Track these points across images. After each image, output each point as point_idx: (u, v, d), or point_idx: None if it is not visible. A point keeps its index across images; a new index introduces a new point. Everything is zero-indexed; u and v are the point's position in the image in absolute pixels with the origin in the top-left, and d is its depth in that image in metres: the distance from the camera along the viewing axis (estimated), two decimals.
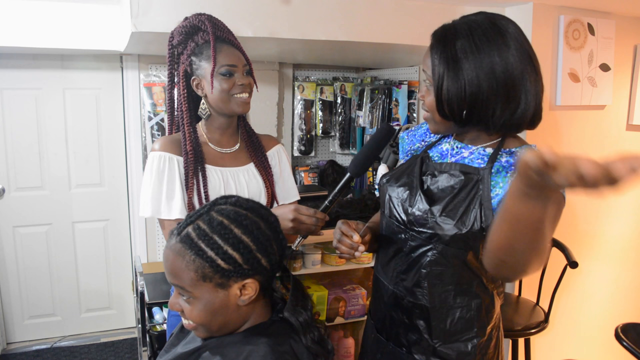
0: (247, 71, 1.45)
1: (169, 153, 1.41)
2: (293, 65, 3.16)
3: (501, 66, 0.99)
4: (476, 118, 1.03)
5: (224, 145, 1.49)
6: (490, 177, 1.04)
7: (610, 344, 2.05)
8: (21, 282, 3.02)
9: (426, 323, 1.13)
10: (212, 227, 0.89)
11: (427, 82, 1.08)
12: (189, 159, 1.40)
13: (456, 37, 1.02)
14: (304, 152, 3.22)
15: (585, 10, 2.22)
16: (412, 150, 1.28)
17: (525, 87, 1.01)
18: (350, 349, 2.51)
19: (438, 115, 1.07)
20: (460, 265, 1.07)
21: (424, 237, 1.09)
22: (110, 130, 3.02)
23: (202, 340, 0.98)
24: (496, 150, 1.07)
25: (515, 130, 1.06)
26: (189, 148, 1.41)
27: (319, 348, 0.97)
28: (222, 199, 0.96)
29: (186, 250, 0.88)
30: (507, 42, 1.00)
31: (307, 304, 1.00)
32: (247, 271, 0.89)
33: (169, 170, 1.40)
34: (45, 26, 2.36)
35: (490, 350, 1.15)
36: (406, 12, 2.20)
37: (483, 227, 1.02)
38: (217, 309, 0.91)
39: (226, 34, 1.42)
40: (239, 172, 1.49)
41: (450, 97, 1.02)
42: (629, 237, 2.58)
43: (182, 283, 0.90)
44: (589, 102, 2.28)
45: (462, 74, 1.00)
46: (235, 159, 1.50)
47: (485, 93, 1.00)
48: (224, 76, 1.39)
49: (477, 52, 0.99)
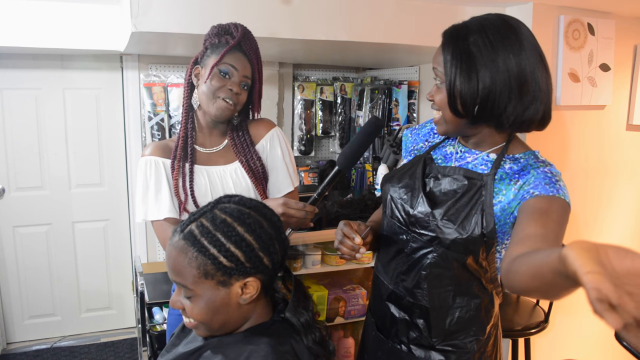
0: (246, 85, 1.42)
1: (155, 157, 1.42)
2: (293, 65, 3.16)
3: (515, 61, 0.99)
4: (488, 114, 1.02)
5: (208, 145, 1.49)
6: (493, 183, 1.05)
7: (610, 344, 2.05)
8: (21, 282, 3.02)
9: (426, 322, 1.13)
10: (215, 225, 0.89)
11: (438, 80, 1.07)
12: (175, 156, 1.42)
13: (469, 33, 1.02)
14: (304, 152, 3.22)
15: (585, 10, 2.22)
16: (415, 150, 1.28)
17: (537, 84, 1.01)
18: (350, 349, 2.51)
19: (449, 113, 1.05)
20: (460, 268, 1.08)
21: (424, 239, 1.10)
22: (110, 130, 3.02)
23: (203, 339, 0.98)
24: (500, 156, 1.07)
25: (525, 128, 1.05)
26: (180, 143, 1.42)
27: (320, 349, 0.97)
28: (226, 198, 0.97)
29: (189, 247, 0.89)
30: (520, 38, 1.01)
31: (308, 304, 1.00)
32: (249, 269, 0.89)
33: (155, 172, 1.41)
34: (45, 26, 2.36)
35: (489, 348, 1.16)
36: (406, 12, 2.20)
37: (484, 233, 1.03)
38: (218, 307, 0.91)
39: (250, 48, 1.42)
40: (226, 170, 1.48)
41: (463, 91, 1.01)
42: (629, 237, 2.58)
43: (184, 280, 0.90)
44: (589, 102, 2.27)
45: (475, 68, 1.00)
46: (223, 157, 1.50)
47: (499, 88, 0.99)
48: (220, 73, 1.38)
49: (490, 47, 0.99)
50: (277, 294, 1.05)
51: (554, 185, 0.98)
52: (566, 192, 0.99)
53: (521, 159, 1.06)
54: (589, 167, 2.36)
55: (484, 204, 1.04)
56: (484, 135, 1.10)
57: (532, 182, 1.00)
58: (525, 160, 1.05)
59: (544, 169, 1.01)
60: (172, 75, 2.83)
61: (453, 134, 1.13)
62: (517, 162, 1.05)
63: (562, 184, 1.00)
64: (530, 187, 0.99)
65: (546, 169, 1.02)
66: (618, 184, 2.47)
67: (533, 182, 1.00)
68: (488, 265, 1.08)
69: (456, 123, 1.07)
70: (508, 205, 1.02)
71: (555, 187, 0.98)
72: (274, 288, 1.04)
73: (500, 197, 1.03)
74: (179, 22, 1.88)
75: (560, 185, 0.99)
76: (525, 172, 1.02)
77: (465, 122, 1.06)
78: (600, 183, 2.41)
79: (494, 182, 1.05)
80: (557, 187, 0.98)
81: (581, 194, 2.36)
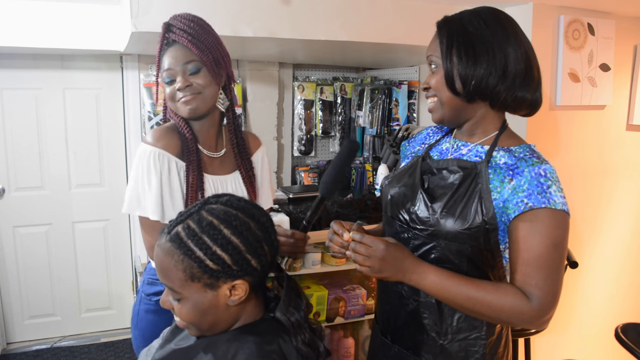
0: (193, 69, 1.32)
1: (162, 150, 1.32)
2: (293, 65, 3.16)
3: (506, 37, 1.04)
4: (484, 88, 1.04)
5: (210, 148, 1.44)
6: (487, 170, 1.05)
7: (610, 344, 2.05)
8: (21, 282, 3.02)
9: (432, 321, 1.12)
10: (201, 227, 0.88)
11: (433, 65, 1.10)
12: (190, 161, 1.36)
13: (462, 17, 1.07)
14: (304, 152, 3.22)
15: (585, 10, 2.22)
16: (412, 153, 1.29)
17: (530, 60, 1.06)
18: (350, 349, 2.51)
19: (447, 92, 1.07)
20: (465, 262, 1.07)
21: (425, 234, 1.10)
22: (110, 130, 3.02)
23: (195, 338, 0.98)
24: (492, 146, 1.09)
25: (517, 106, 1.08)
26: (192, 147, 1.36)
27: (309, 350, 0.96)
28: (214, 198, 0.95)
29: (175, 250, 0.88)
30: (512, 22, 1.07)
31: (300, 304, 0.99)
32: (236, 272, 0.88)
33: (162, 169, 1.32)
34: (45, 26, 2.36)
35: (500, 350, 1.15)
36: (406, 12, 2.20)
37: (485, 220, 1.03)
38: (206, 309, 0.90)
39: (177, 35, 1.31)
40: (227, 180, 1.45)
41: (460, 67, 1.04)
42: (629, 237, 2.58)
43: (171, 283, 0.89)
44: (589, 102, 2.27)
45: (471, 42, 1.04)
46: (222, 165, 1.46)
47: (496, 61, 1.03)
48: (167, 84, 1.34)
49: (484, 25, 1.05)
50: (269, 292, 1.04)
51: (545, 193, 0.99)
52: (558, 198, 0.99)
53: (516, 152, 1.06)
54: (589, 167, 2.36)
55: (481, 191, 1.04)
56: (478, 119, 1.11)
57: (526, 189, 1.00)
58: (520, 154, 1.05)
59: (538, 169, 1.01)
60: None
61: (449, 118, 1.12)
62: (511, 155, 1.06)
63: (554, 189, 0.99)
64: (524, 194, 1.00)
65: (541, 168, 1.01)
66: (618, 184, 2.47)
67: (527, 188, 1.00)
68: (494, 258, 1.08)
69: (452, 104, 1.08)
70: (503, 203, 1.02)
71: (546, 196, 0.98)
72: (266, 287, 1.03)
73: (495, 195, 1.03)
74: None
75: (551, 191, 0.99)
76: (520, 170, 1.02)
77: (461, 102, 1.08)
78: (600, 183, 2.41)
79: (488, 169, 1.06)
80: (549, 194, 0.99)
81: (581, 194, 2.36)
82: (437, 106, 1.11)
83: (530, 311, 0.99)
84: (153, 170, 1.31)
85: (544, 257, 0.99)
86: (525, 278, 1.00)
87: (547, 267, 0.99)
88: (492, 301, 1.00)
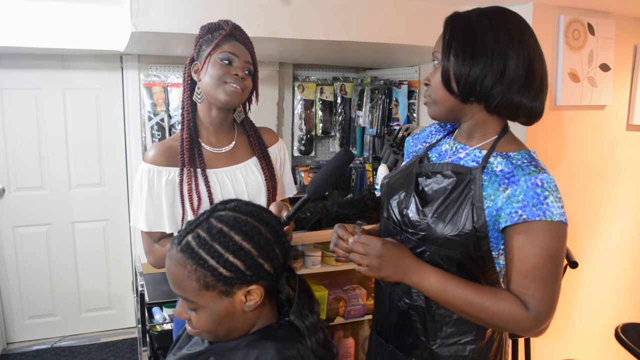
0: (249, 71, 1.43)
1: (158, 166, 1.39)
2: (293, 65, 3.16)
3: (510, 38, 1.02)
4: (479, 88, 1.02)
5: (216, 145, 1.47)
6: (482, 176, 1.04)
7: (610, 344, 2.05)
8: (21, 282, 3.02)
9: (423, 325, 1.12)
10: (211, 235, 0.87)
11: (436, 62, 1.08)
12: (184, 162, 1.40)
13: (470, 15, 1.05)
14: (304, 152, 3.22)
15: (585, 10, 2.22)
16: (414, 152, 1.29)
17: (532, 65, 1.02)
18: (350, 349, 2.51)
19: (443, 89, 1.05)
20: (456, 267, 1.07)
21: (416, 238, 1.09)
22: (110, 130, 3.02)
23: (208, 342, 0.97)
24: (489, 151, 1.06)
25: (514, 113, 1.05)
26: (186, 145, 1.41)
27: (325, 351, 0.96)
28: (221, 205, 0.94)
29: (187, 260, 0.87)
30: (521, 24, 1.05)
31: (313, 306, 0.99)
32: (250, 277, 0.88)
33: (151, 184, 1.39)
34: (45, 26, 2.36)
35: (491, 354, 1.14)
36: (406, 12, 2.20)
37: (475, 228, 1.02)
38: (223, 317, 0.89)
39: (244, 37, 1.43)
40: (236, 170, 1.47)
41: (457, 66, 1.02)
42: (629, 237, 2.58)
43: (186, 293, 0.88)
44: (589, 102, 2.27)
45: (471, 42, 1.02)
46: (231, 158, 1.48)
47: (495, 61, 1.01)
48: (222, 62, 1.37)
49: (489, 25, 1.02)
50: (281, 294, 1.03)
51: (541, 205, 0.96)
52: (556, 209, 0.97)
53: (514, 158, 1.03)
54: (589, 167, 2.36)
55: (473, 197, 1.03)
56: (477, 122, 1.09)
57: (521, 200, 0.98)
58: (518, 161, 1.03)
59: (535, 179, 0.98)
60: (172, 75, 2.83)
61: (443, 116, 1.11)
62: (508, 162, 1.03)
63: (551, 200, 0.97)
64: (519, 205, 0.98)
65: (538, 178, 0.98)
66: (618, 184, 2.47)
67: (522, 199, 0.98)
68: (485, 264, 1.07)
69: (448, 103, 1.07)
70: (496, 212, 1.01)
71: (542, 208, 0.96)
72: (278, 289, 1.02)
73: (489, 202, 1.02)
74: (178, 22, 1.88)
75: (548, 202, 0.97)
76: (515, 179, 0.99)
77: (456, 102, 1.06)
78: (600, 183, 2.41)
79: (482, 175, 1.04)
80: (545, 206, 0.96)
81: (581, 194, 2.36)
82: (433, 102, 1.10)
83: (528, 320, 0.98)
84: (143, 185, 1.40)
85: (539, 268, 0.98)
86: (522, 289, 0.99)
87: (544, 277, 0.98)
88: (490, 307, 0.99)
